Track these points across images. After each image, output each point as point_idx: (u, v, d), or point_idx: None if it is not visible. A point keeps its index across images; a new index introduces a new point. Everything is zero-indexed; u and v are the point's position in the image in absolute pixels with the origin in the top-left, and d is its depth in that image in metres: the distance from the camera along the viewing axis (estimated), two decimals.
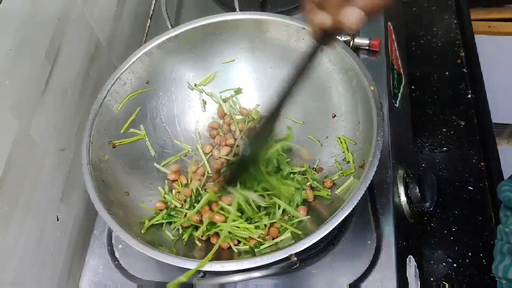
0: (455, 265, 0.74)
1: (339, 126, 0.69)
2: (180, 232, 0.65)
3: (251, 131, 0.66)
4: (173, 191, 0.70)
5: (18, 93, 0.57)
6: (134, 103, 0.71)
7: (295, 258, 0.51)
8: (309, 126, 0.73)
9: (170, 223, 0.65)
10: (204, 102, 0.77)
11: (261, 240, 0.61)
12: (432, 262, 0.74)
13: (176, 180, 0.71)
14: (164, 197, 0.68)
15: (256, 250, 0.60)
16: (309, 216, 0.63)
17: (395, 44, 0.87)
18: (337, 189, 0.63)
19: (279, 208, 0.63)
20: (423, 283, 0.70)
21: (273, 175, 0.64)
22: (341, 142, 0.67)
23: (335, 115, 0.70)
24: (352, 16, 0.41)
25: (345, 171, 0.64)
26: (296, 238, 0.57)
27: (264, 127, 0.58)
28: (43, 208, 0.63)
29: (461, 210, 0.79)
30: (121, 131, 0.69)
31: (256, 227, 0.61)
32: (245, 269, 0.51)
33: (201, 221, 0.64)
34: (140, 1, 0.95)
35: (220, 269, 0.52)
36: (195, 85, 0.76)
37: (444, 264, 0.74)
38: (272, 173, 0.64)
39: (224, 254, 0.61)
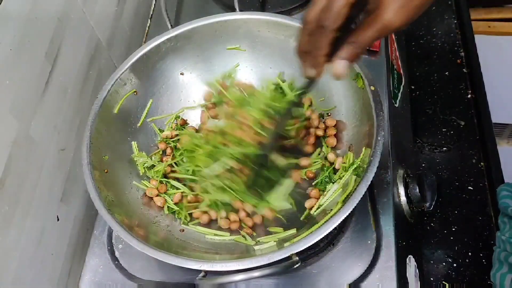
0: (455, 265, 0.74)
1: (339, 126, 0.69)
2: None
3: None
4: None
5: (18, 93, 0.57)
6: (134, 103, 0.71)
7: (297, 258, 0.51)
8: None
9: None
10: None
11: None
12: (432, 262, 0.74)
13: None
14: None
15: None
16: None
17: (395, 44, 0.87)
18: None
19: None
20: (423, 283, 0.70)
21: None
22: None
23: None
24: (339, 66, 0.46)
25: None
26: None
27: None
28: (43, 208, 0.63)
29: (461, 210, 0.79)
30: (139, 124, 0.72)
31: None
32: (246, 268, 0.51)
33: None
34: (140, 1, 0.95)
35: (221, 268, 0.52)
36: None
37: (444, 264, 0.74)
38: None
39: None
